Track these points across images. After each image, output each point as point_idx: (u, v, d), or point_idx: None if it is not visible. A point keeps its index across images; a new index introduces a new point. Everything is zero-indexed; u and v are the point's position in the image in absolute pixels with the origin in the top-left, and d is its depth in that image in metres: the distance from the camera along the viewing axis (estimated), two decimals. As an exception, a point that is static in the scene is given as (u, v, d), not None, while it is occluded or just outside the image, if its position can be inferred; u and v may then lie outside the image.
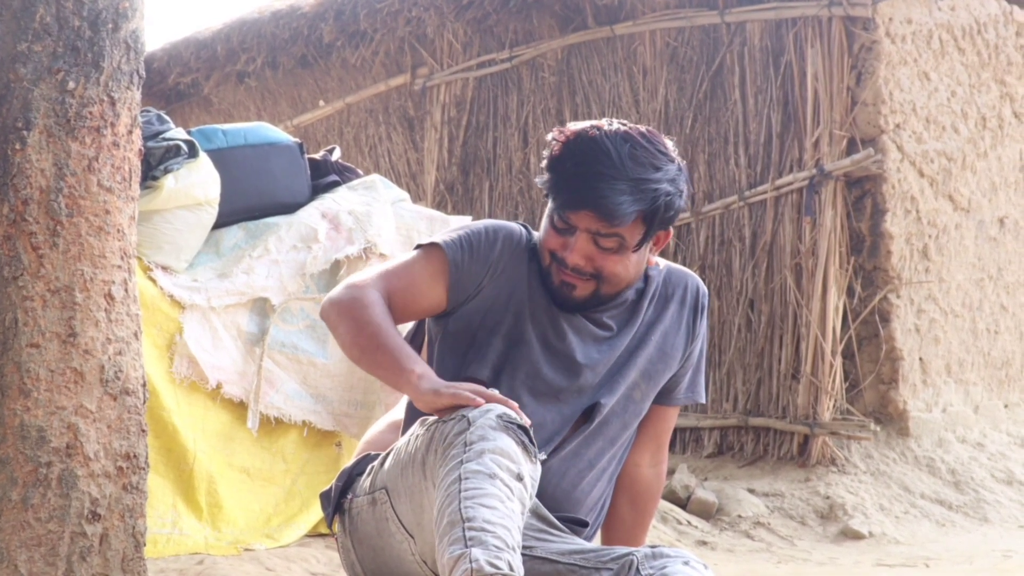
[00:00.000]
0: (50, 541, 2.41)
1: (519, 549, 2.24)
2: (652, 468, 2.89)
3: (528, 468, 2.35)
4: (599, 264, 2.63)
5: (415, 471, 2.44)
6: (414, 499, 2.46)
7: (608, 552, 2.52)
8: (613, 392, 2.72)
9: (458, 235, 2.72)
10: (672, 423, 2.92)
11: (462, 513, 2.21)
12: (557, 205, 2.62)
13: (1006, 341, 7.16)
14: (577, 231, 2.61)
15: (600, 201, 2.56)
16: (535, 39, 7.83)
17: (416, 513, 2.45)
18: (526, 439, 2.37)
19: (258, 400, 3.95)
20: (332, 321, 2.63)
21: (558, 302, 2.68)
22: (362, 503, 2.62)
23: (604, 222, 2.58)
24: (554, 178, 2.62)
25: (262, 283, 3.98)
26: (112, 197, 2.51)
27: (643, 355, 2.75)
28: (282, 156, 4.26)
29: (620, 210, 2.56)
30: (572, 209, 2.60)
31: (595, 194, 2.56)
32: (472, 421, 2.35)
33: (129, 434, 2.53)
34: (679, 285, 2.82)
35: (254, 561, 3.66)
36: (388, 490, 2.53)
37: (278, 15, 8.77)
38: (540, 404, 2.66)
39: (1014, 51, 7.12)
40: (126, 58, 2.53)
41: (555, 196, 2.63)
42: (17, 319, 2.40)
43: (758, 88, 6.79)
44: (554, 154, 2.63)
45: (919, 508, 6.06)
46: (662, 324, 2.79)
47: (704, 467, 6.63)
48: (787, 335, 6.55)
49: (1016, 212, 7.20)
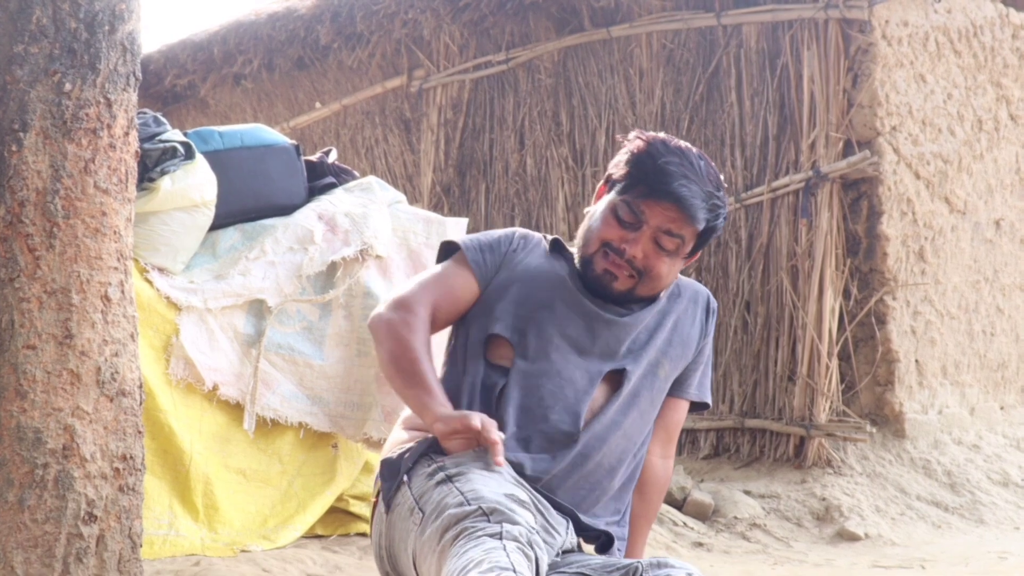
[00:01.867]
0: (46, 542, 2.41)
1: None
2: (662, 459, 2.97)
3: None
4: (652, 263, 2.78)
5: (414, 526, 2.46)
6: (405, 548, 2.50)
7: (614, 563, 2.56)
8: (638, 362, 2.81)
9: (475, 235, 2.96)
10: (682, 417, 3.01)
11: (465, 497, 2.32)
12: (635, 195, 2.76)
13: (1002, 343, 7.17)
14: (644, 226, 2.75)
15: (683, 199, 2.72)
16: (531, 41, 7.84)
17: (405, 563, 2.50)
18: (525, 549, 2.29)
19: (255, 402, 3.95)
20: (380, 337, 2.78)
21: (593, 287, 2.80)
22: (406, 497, 2.56)
23: (679, 220, 2.74)
24: (636, 171, 2.77)
25: (258, 285, 3.98)
26: (108, 199, 2.51)
27: (662, 336, 2.86)
28: (278, 158, 4.26)
29: (697, 213, 2.74)
30: (654, 199, 2.74)
31: (680, 192, 2.72)
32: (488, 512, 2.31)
33: (125, 435, 2.53)
34: (690, 288, 2.99)
35: (250, 562, 3.66)
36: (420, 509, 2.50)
37: (274, 17, 8.77)
38: (566, 360, 2.74)
39: (1010, 53, 7.13)
40: (122, 60, 2.53)
41: (634, 187, 2.77)
42: (13, 321, 2.41)
43: (754, 90, 6.79)
44: (639, 149, 2.78)
45: (915, 510, 6.06)
46: (675, 314, 2.91)
47: (700, 469, 6.63)
48: (783, 337, 6.55)
49: (1012, 214, 7.20)
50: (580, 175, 7.61)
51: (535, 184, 7.85)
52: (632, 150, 2.80)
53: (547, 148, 7.78)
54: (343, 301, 4.10)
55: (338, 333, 4.09)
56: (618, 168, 2.82)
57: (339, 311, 4.10)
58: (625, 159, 2.81)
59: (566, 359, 2.76)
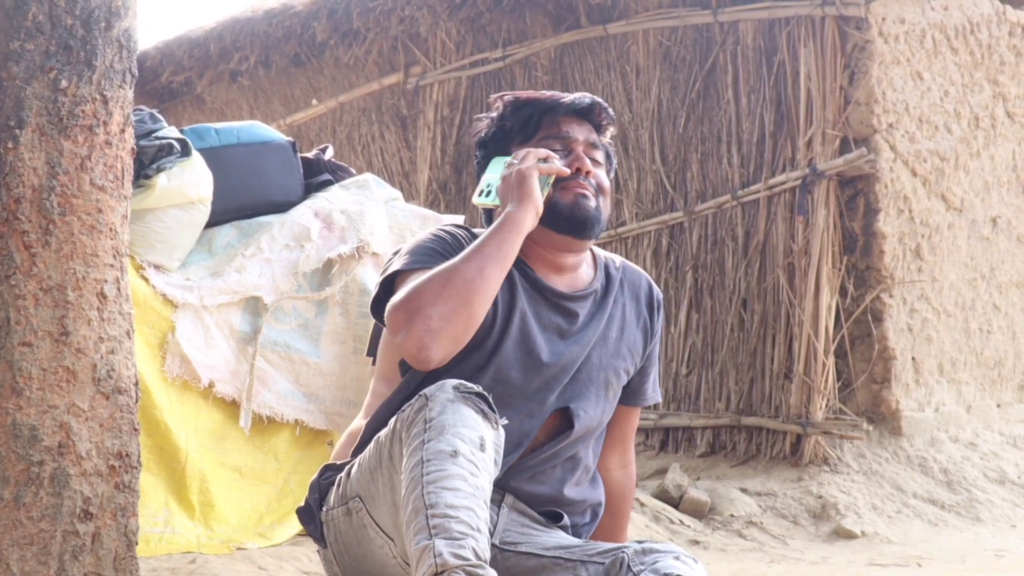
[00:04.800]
0: (42, 540, 2.41)
1: (486, 525, 2.21)
2: (622, 470, 2.89)
3: (491, 435, 2.33)
4: (599, 177, 2.73)
5: (384, 470, 2.41)
6: (388, 499, 2.41)
7: (594, 546, 2.51)
8: (585, 397, 2.69)
9: (413, 252, 2.66)
10: (636, 423, 2.93)
11: (425, 500, 2.19)
12: (550, 122, 2.73)
13: (999, 341, 7.17)
14: (573, 144, 2.72)
15: (586, 105, 2.73)
16: (528, 38, 7.83)
17: (393, 514, 2.40)
18: (485, 406, 2.34)
19: (251, 399, 3.95)
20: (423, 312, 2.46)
21: (576, 221, 2.68)
22: (338, 514, 2.56)
23: (589, 127, 2.74)
24: (527, 112, 2.75)
25: (255, 282, 3.98)
26: (105, 196, 2.51)
27: (609, 351, 2.74)
28: (275, 155, 4.25)
29: (603, 112, 2.76)
30: (571, 113, 2.73)
31: (580, 101, 2.73)
32: (430, 397, 2.33)
33: (121, 433, 2.53)
34: (636, 283, 2.85)
35: (246, 560, 3.65)
36: (362, 497, 2.49)
37: (271, 14, 8.77)
38: (509, 406, 2.58)
39: (1007, 51, 7.13)
40: (119, 57, 2.53)
41: (539, 123, 2.74)
42: (9, 317, 2.40)
43: (751, 87, 6.79)
44: (517, 99, 2.77)
45: (911, 507, 6.07)
46: (624, 319, 2.79)
47: (697, 466, 6.63)
48: (780, 334, 6.55)
49: (1009, 212, 7.20)
50: (577, 172, 7.60)
51: (532, 181, 7.84)
52: (509, 104, 2.77)
53: (544, 145, 7.77)
54: (339, 298, 4.10)
55: (334, 330, 4.09)
56: (504, 127, 2.77)
57: (335, 308, 4.10)
58: (511, 112, 2.76)
59: (507, 405, 2.57)
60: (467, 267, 2.48)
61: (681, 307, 6.97)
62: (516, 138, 2.76)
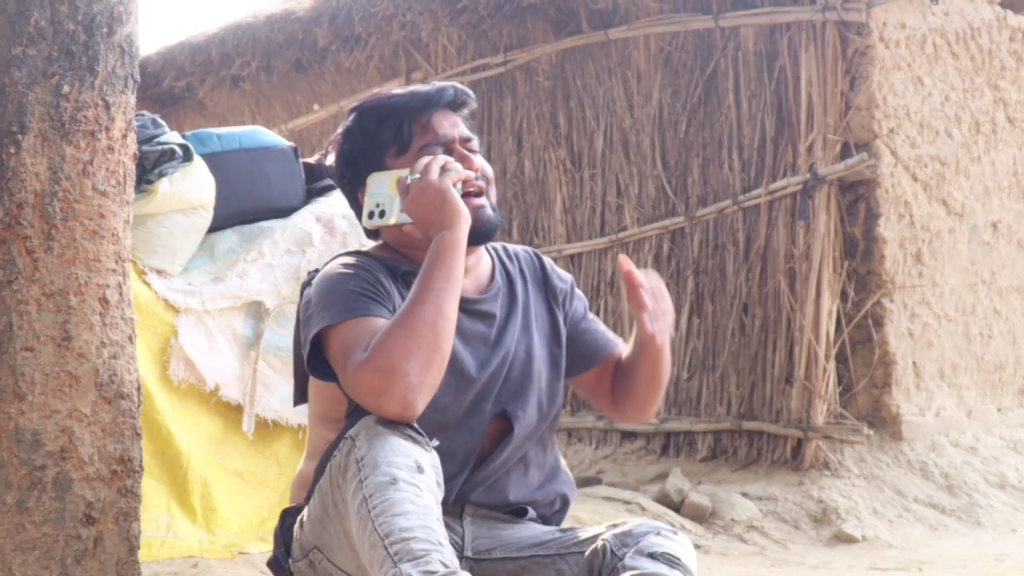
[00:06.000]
0: (45, 544, 2.41)
1: (445, 540, 2.19)
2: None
3: (427, 457, 2.29)
4: (481, 167, 2.60)
5: (332, 519, 2.37)
6: (344, 544, 2.36)
7: (569, 537, 2.48)
8: (521, 395, 2.60)
9: (337, 301, 2.46)
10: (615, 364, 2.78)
11: (379, 531, 2.16)
12: (422, 128, 2.57)
13: (999, 345, 7.17)
14: (451, 141, 2.58)
15: (450, 87, 2.61)
16: (529, 43, 7.84)
17: (354, 558, 2.34)
18: (412, 431, 2.31)
19: (254, 403, 3.95)
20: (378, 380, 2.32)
21: (480, 234, 2.55)
22: (303, 567, 2.49)
23: (463, 102, 2.63)
24: (395, 121, 2.58)
25: (256, 286, 3.98)
26: (107, 201, 2.51)
27: (532, 341, 2.64)
28: (277, 160, 4.26)
29: (467, 98, 2.64)
30: (440, 107, 2.60)
31: (444, 94, 2.60)
32: (355, 436, 2.29)
33: (123, 437, 2.53)
34: (529, 263, 2.75)
35: (248, 564, 3.66)
36: (319, 548, 2.43)
37: (273, 19, 8.78)
38: (449, 428, 2.51)
39: (1007, 56, 7.14)
40: (121, 62, 2.53)
41: (411, 131, 2.57)
42: (12, 323, 2.41)
43: (752, 92, 6.80)
44: (378, 107, 2.60)
45: (912, 512, 6.07)
46: (534, 303, 2.70)
47: (698, 471, 6.63)
48: (781, 339, 6.56)
49: (1009, 216, 7.21)
50: (578, 177, 7.62)
51: (533, 186, 7.86)
52: (366, 117, 2.60)
53: (545, 150, 7.78)
54: (341, 303, 4.10)
55: (336, 335, 4.09)
56: (372, 141, 2.59)
57: (337, 313, 4.10)
58: (376, 124, 2.58)
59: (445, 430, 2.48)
60: (425, 309, 2.34)
61: (682, 312, 6.97)
62: (390, 150, 2.59)
